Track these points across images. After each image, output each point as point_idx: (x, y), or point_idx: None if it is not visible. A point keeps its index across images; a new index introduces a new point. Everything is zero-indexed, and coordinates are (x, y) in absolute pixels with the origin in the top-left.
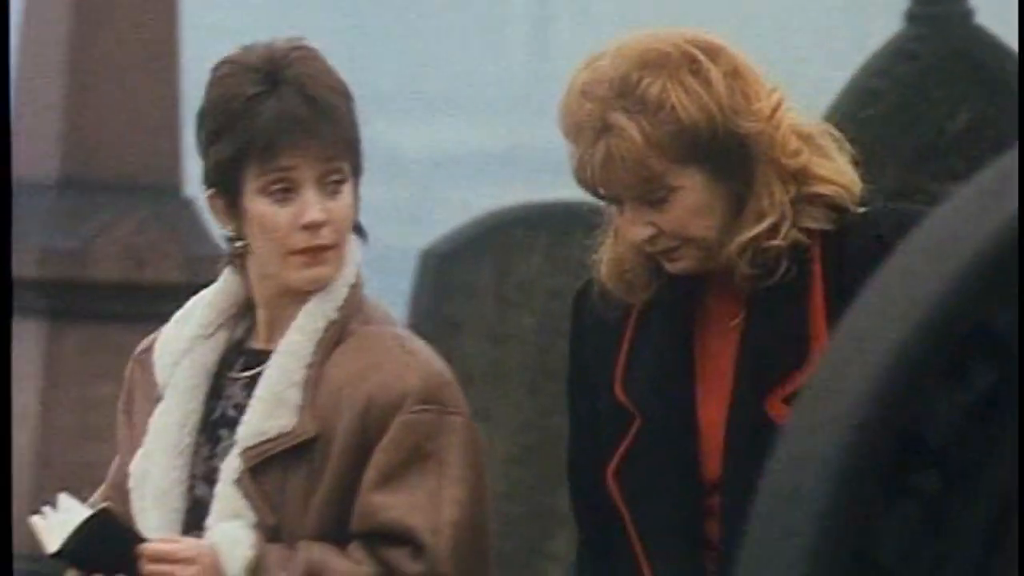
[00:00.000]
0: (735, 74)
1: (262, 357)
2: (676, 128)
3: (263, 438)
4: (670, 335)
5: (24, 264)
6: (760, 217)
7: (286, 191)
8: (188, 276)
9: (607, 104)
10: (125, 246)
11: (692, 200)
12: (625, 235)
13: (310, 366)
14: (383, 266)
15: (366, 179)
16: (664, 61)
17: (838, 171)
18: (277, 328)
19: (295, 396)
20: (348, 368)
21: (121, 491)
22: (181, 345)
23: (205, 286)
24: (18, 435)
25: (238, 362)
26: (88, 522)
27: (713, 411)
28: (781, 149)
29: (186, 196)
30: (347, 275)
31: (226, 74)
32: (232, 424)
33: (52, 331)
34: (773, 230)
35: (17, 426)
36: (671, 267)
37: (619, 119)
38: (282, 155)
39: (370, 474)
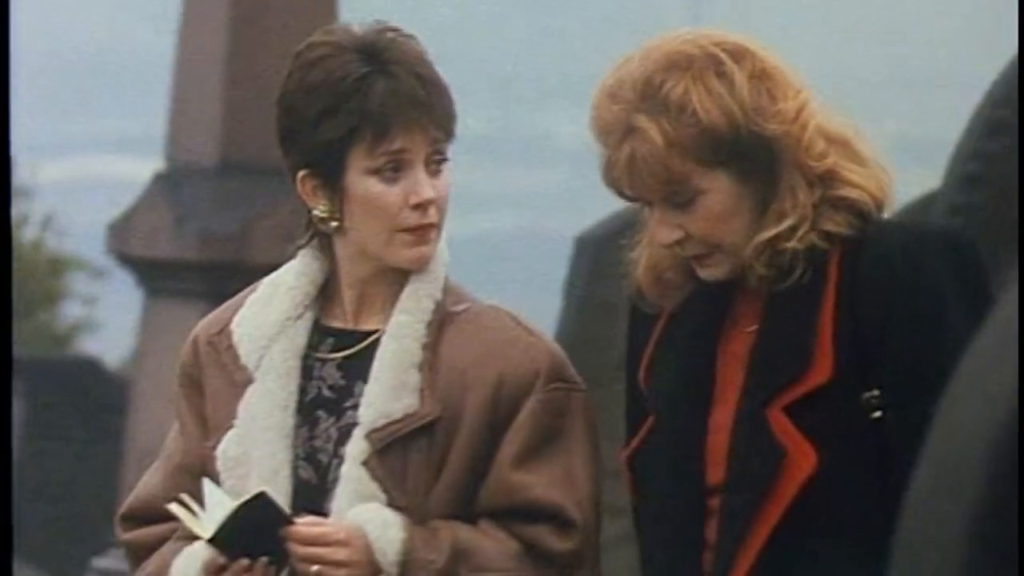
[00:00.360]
0: (761, 76)
1: (354, 338)
2: (697, 130)
3: (388, 420)
4: (694, 340)
5: (185, 247)
6: (780, 218)
7: (396, 170)
8: None
9: (632, 106)
10: (283, 229)
11: (718, 203)
12: (654, 237)
13: (425, 347)
14: (539, 251)
15: (522, 165)
16: (688, 63)
17: (867, 176)
18: (367, 309)
19: (415, 377)
20: (469, 349)
21: (190, 473)
22: (270, 329)
23: None
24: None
25: (325, 342)
26: (245, 506)
27: (722, 415)
28: (807, 151)
29: None
30: (443, 255)
31: (326, 55)
32: (330, 405)
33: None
34: (791, 232)
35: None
36: (703, 273)
37: (642, 121)
38: (396, 134)
39: (507, 452)
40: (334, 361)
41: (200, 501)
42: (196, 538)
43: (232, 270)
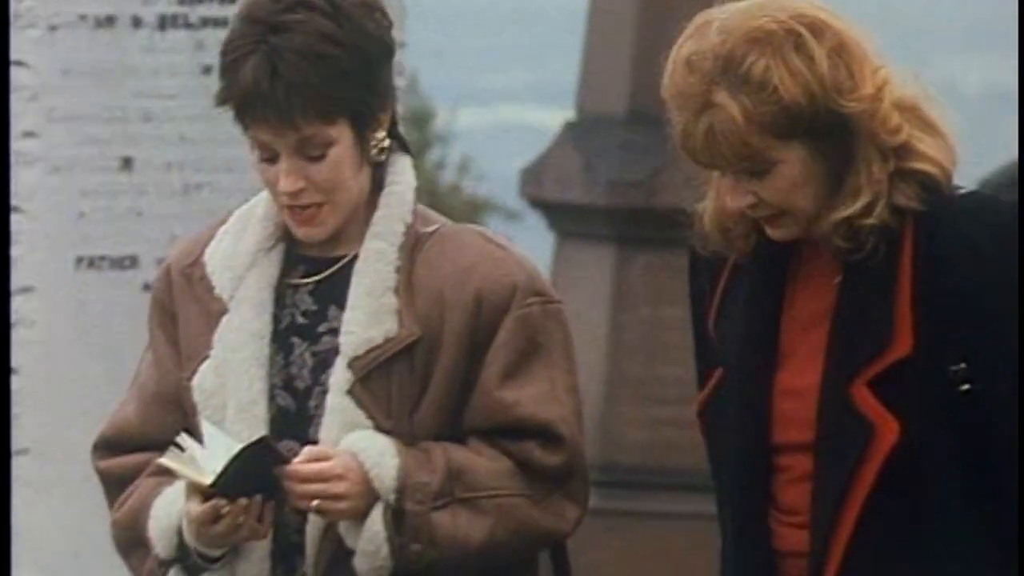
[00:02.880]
0: (840, 50)
1: (325, 264)
2: (778, 107)
3: (370, 345)
4: (760, 296)
5: (594, 193)
6: (856, 194)
7: (266, 154)
8: None
9: (711, 80)
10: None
11: (793, 173)
12: (726, 201)
13: (399, 270)
14: None
15: None
16: (769, 39)
17: (937, 147)
18: (337, 234)
19: (392, 301)
20: (444, 269)
21: (168, 404)
22: (243, 259)
23: None
24: (588, 354)
25: (296, 269)
26: (246, 451)
27: (796, 374)
28: (882, 125)
29: None
30: (407, 178)
31: (235, 17)
32: (303, 331)
33: (620, 257)
34: (867, 208)
35: (588, 346)
36: (771, 233)
37: (722, 97)
38: (252, 122)
39: (491, 371)
40: (306, 287)
41: (177, 433)
42: (171, 473)
43: (639, 215)
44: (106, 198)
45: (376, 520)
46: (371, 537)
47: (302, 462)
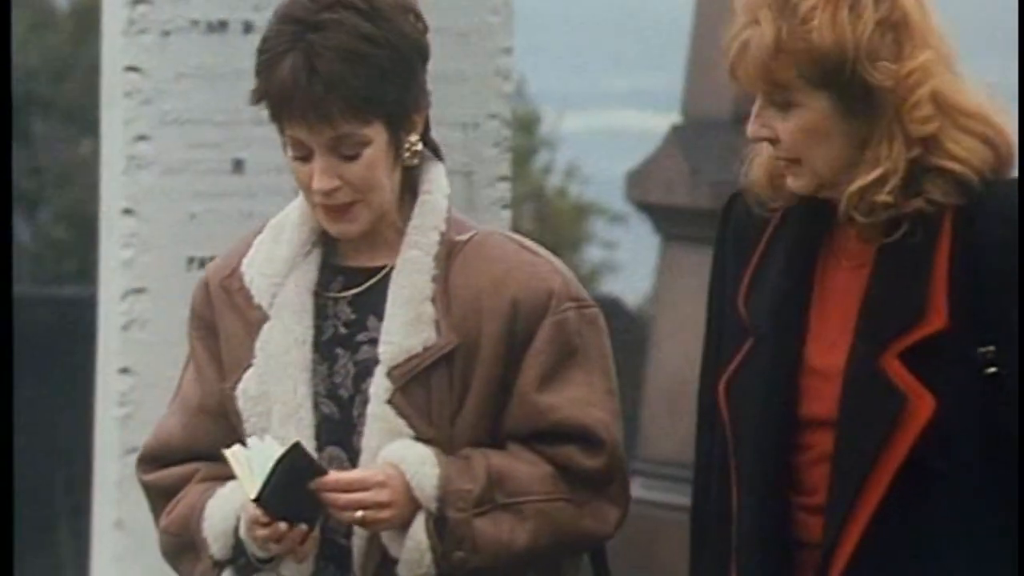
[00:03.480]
0: (894, 24)
1: (363, 275)
2: (807, 47)
3: (409, 354)
4: (795, 263)
5: (699, 196)
6: (873, 166)
7: (300, 152)
8: None
9: (768, 2)
10: None
11: (811, 121)
12: (748, 126)
13: (435, 279)
14: None
15: None
16: None
17: (971, 149)
18: (371, 245)
19: (429, 310)
20: (480, 277)
21: (213, 416)
22: (279, 267)
23: None
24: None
25: (335, 280)
26: (283, 460)
27: (824, 351)
28: (909, 112)
29: None
30: (441, 186)
31: (273, 18)
32: (345, 342)
33: None
34: (880, 181)
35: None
36: (789, 181)
37: (766, 17)
38: (286, 123)
39: (529, 376)
40: (345, 299)
41: (224, 444)
42: (226, 477)
43: None
44: (217, 200)
45: (419, 529)
46: (414, 546)
47: (343, 473)
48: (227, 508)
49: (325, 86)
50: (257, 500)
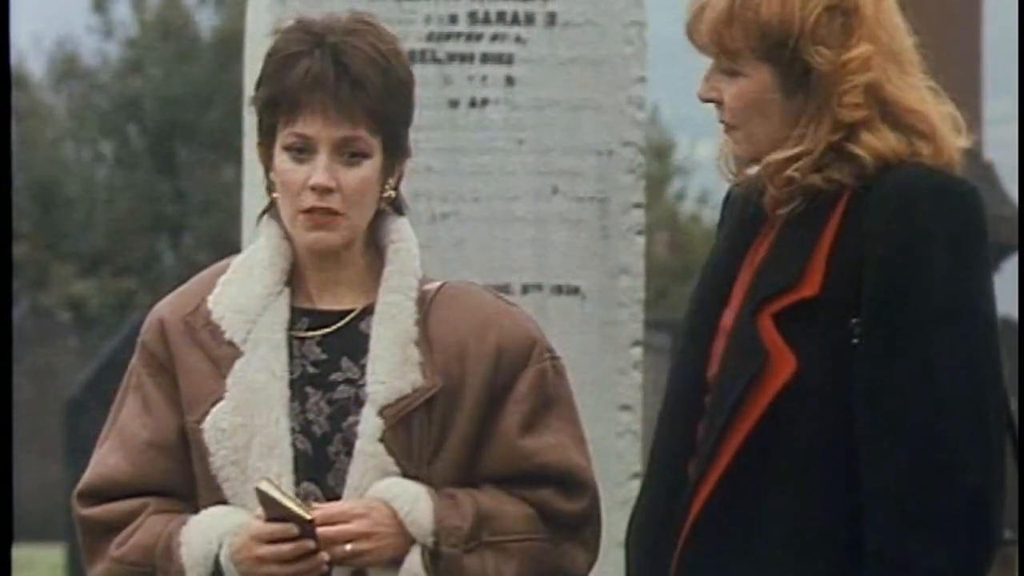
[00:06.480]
0: (846, 11)
1: (331, 317)
2: (755, 19)
3: (399, 395)
4: (737, 238)
5: None
6: (797, 142)
7: (301, 151)
8: (991, 236)
9: None
10: None
11: (752, 91)
12: (699, 86)
13: (418, 323)
14: None
15: None
16: None
17: (887, 141)
18: (334, 288)
19: (415, 353)
20: (461, 324)
21: (165, 450)
22: (255, 303)
23: (1006, 247)
24: None
25: (300, 322)
26: (267, 509)
27: (727, 319)
28: (840, 97)
29: (985, 160)
30: (410, 235)
31: (284, 30)
32: (316, 380)
33: None
34: (796, 158)
35: None
36: (733, 149)
37: None
38: (303, 114)
39: (512, 421)
40: (314, 339)
41: (178, 479)
42: (175, 511)
43: None
44: None
45: (415, 563)
46: None
47: (325, 506)
48: (210, 533)
49: (352, 83)
50: (311, 521)
